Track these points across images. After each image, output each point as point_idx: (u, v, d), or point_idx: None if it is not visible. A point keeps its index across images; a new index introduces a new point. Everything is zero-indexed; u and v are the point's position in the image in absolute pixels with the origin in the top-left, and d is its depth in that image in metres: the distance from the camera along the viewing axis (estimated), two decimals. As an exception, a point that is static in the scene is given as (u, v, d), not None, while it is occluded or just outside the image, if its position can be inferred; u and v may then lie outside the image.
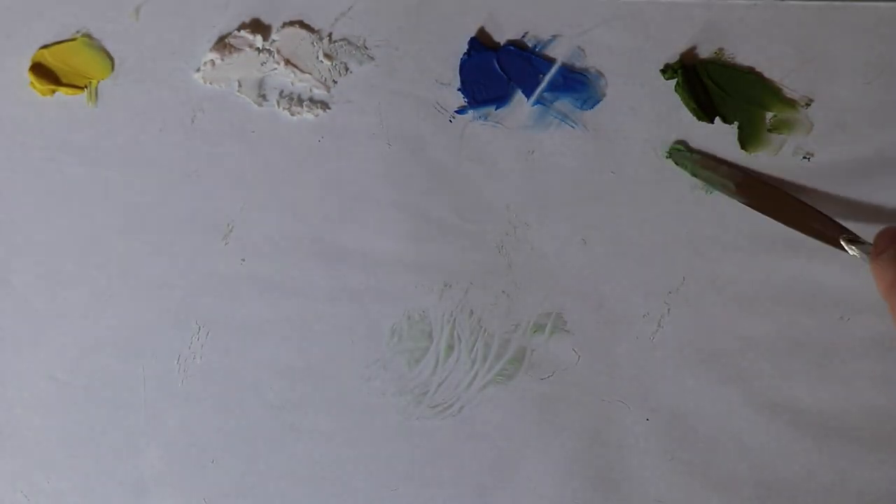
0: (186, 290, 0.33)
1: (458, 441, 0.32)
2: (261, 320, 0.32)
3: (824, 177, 0.31)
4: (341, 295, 0.32)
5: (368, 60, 0.33)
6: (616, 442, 0.31)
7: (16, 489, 0.33)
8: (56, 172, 0.33)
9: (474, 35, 0.32)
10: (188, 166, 0.33)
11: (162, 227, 0.33)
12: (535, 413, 0.32)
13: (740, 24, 0.32)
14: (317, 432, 0.32)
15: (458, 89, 0.32)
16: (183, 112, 0.33)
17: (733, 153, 0.32)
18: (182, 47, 0.33)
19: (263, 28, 0.33)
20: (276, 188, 0.33)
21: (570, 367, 0.32)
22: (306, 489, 0.32)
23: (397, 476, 0.32)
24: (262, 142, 0.33)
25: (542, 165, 0.32)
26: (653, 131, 0.32)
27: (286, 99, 0.33)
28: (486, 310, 0.32)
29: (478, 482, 0.32)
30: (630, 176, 0.32)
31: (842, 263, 0.30)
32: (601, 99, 0.32)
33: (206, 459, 0.32)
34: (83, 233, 0.33)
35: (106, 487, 0.32)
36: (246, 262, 0.32)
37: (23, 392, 0.33)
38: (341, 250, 0.32)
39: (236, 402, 0.32)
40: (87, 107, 0.33)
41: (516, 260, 0.32)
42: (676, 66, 0.32)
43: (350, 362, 0.32)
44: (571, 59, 0.32)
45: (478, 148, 0.32)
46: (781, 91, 0.32)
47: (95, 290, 0.33)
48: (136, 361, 0.33)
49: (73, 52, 0.33)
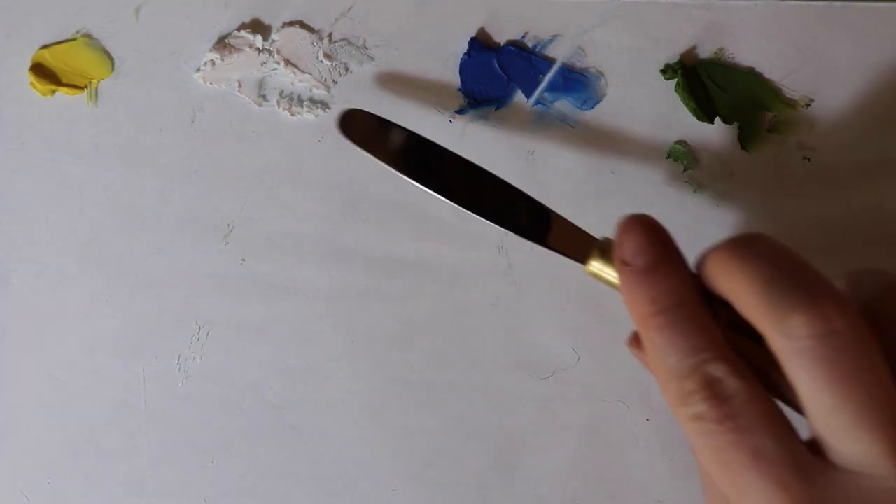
0: (186, 290, 0.33)
1: (458, 441, 0.32)
2: (261, 320, 0.32)
3: (824, 177, 0.31)
4: (341, 295, 0.32)
5: (368, 60, 0.33)
6: (616, 442, 0.31)
7: (16, 489, 0.33)
8: (56, 172, 0.33)
9: (474, 35, 0.32)
10: (188, 166, 0.33)
11: (162, 227, 0.33)
12: (535, 413, 0.32)
13: (740, 24, 0.32)
14: (317, 432, 0.32)
15: (458, 89, 0.32)
16: (183, 112, 0.33)
17: (733, 153, 0.32)
18: (182, 47, 0.33)
19: (263, 28, 0.33)
20: (276, 188, 0.33)
21: (570, 367, 0.32)
22: (306, 489, 0.32)
23: (397, 476, 0.32)
24: (262, 142, 0.33)
25: (542, 165, 0.32)
26: (653, 131, 0.32)
27: (286, 99, 0.33)
28: (486, 310, 0.32)
29: (478, 482, 0.32)
30: (630, 176, 0.32)
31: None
32: (601, 99, 0.32)
33: (206, 459, 0.32)
34: (83, 233, 0.33)
35: (106, 487, 0.33)
36: (246, 262, 0.32)
37: (23, 392, 0.33)
38: (341, 250, 0.32)
39: (236, 402, 0.32)
40: (87, 107, 0.33)
41: (516, 260, 0.32)
42: (676, 66, 0.32)
43: (351, 362, 0.32)
44: (571, 60, 0.32)
45: (478, 148, 0.32)
46: (781, 91, 0.32)
47: (95, 290, 0.33)
48: (136, 361, 0.33)
49: (73, 52, 0.33)
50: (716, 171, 0.32)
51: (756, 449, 0.20)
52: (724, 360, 0.21)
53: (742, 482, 0.20)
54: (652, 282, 0.22)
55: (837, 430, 0.20)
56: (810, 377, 0.20)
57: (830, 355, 0.19)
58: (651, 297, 0.22)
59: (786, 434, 0.20)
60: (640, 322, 0.22)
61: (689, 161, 0.32)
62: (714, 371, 0.20)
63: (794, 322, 0.19)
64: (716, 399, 0.20)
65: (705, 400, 0.20)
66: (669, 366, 0.21)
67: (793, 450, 0.20)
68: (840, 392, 0.19)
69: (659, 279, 0.22)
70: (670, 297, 0.22)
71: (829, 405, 0.19)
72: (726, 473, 0.20)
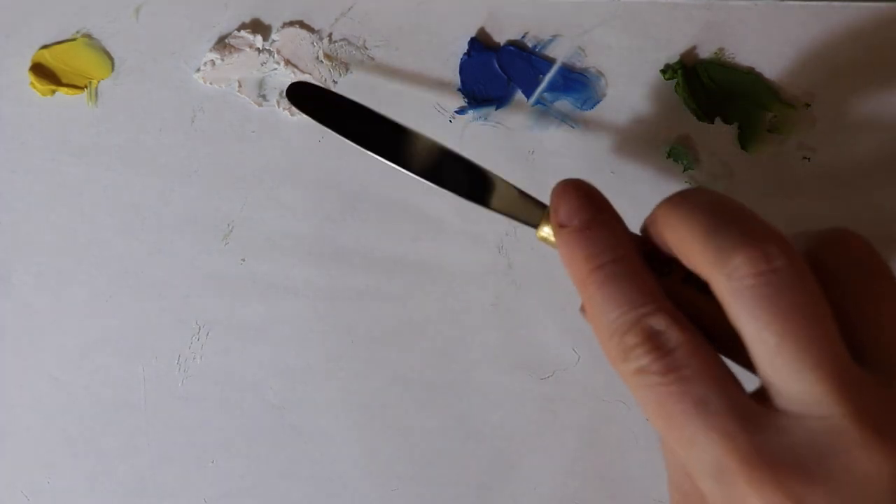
0: (186, 290, 0.33)
1: (458, 441, 0.32)
2: (261, 320, 0.32)
3: (824, 177, 0.31)
4: (341, 295, 0.32)
5: (368, 60, 0.33)
6: (616, 442, 0.31)
7: (16, 489, 0.33)
8: (56, 172, 0.33)
9: (474, 35, 0.32)
10: (188, 166, 0.33)
11: (162, 227, 0.33)
12: (535, 413, 0.32)
13: (740, 24, 0.32)
14: (317, 432, 0.32)
15: (458, 89, 0.32)
16: (183, 112, 0.33)
17: (733, 153, 0.32)
18: (182, 47, 0.33)
19: (263, 28, 0.33)
20: (276, 188, 0.33)
21: (570, 367, 0.32)
22: (306, 489, 0.32)
23: (397, 476, 0.32)
24: (262, 142, 0.33)
25: (542, 165, 0.32)
26: (653, 131, 0.32)
27: (286, 99, 0.33)
28: (486, 310, 0.32)
29: (478, 482, 0.32)
30: (630, 176, 0.32)
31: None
32: (601, 99, 0.32)
33: (206, 459, 0.32)
34: (83, 233, 0.33)
35: (106, 487, 0.33)
36: (246, 262, 0.32)
37: (23, 392, 0.33)
38: (341, 250, 0.32)
39: (236, 402, 0.32)
40: (87, 107, 0.33)
41: (516, 260, 0.32)
42: (676, 66, 0.32)
43: (351, 362, 0.32)
44: (571, 60, 0.32)
45: (478, 148, 0.32)
46: (781, 91, 0.32)
47: (95, 290, 0.33)
48: (136, 361, 0.33)
49: (73, 52, 0.33)
50: (716, 171, 0.32)
51: (699, 399, 0.20)
52: (664, 312, 0.21)
53: (687, 434, 0.20)
54: (587, 239, 0.22)
55: (781, 369, 0.20)
56: (752, 316, 0.20)
57: (771, 292, 0.19)
58: (587, 255, 0.22)
59: (729, 384, 0.20)
60: (579, 281, 0.22)
61: (689, 161, 0.32)
62: (655, 324, 0.21)
63: (735, 262, 0.20)
64: (658, 351, 0.20)
65: (648, 353, 0.20)
66: (610, 321, 0.21)
67: (736, 399, 0.20)
68: (781, 329, 0.19)
69: (594, 237, 0.22)
70: (606, 253, 0.22)
71: (772, 344, 0.19)
72: (671, 426, 0.20)
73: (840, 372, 0.19)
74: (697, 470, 0.20)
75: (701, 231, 0.21)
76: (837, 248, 0.22)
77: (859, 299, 0.21)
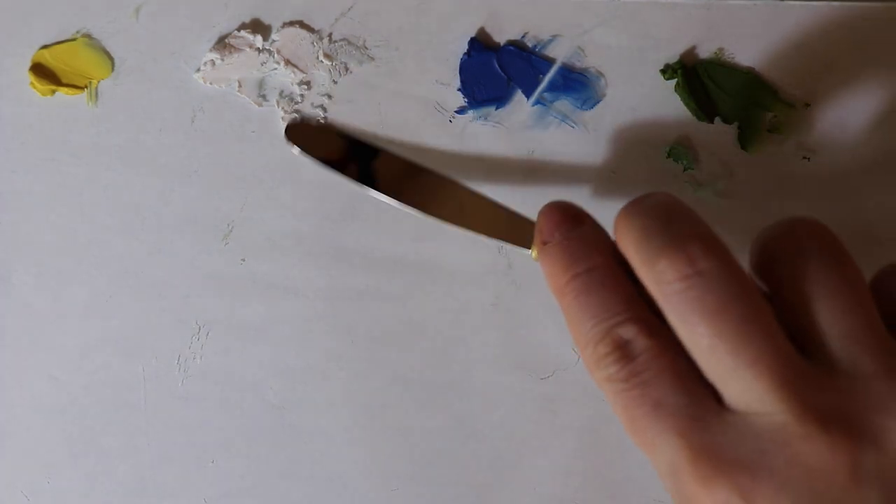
0: (186, 290, 0.33)
1: (458, 441, 0.32)
2: (261, 320, 0.32)
3: (824, 177, 0.31)
4: (341, 295, 0.32)
5: (368, 60, 0.33)
6: (616, 442, 0.31)
7: (16, 489, 0.33)
8: (56, 172, 0.33)
9: (474, 35, 0.32)
10: (188, 166, 0.33)
11: (162, 227, 0.33)
12: (535, 413, 0.32)
13: (740, 24, 0.32)
14: (317, 432, 0.32)
15: (458, 89, 0.32)
16: (183, 112, 0.33)
17: (733, 153, 0.32)
18: (182, 47, 0.33)
19: (263, 28, 0.33)
20: (276, 188, 0.33)
21: (570, 367, 0.32)
22: (306, 489, 0.32)
23: (397, 476, 0.32)
24: (262, 142, 0.33)
25: (542, 165, 0.32)
26: (653, 131, 0.32)
27: (286, 99, 0.33)
28: (486, 310, 0.32)
29: (478, 482, 0.32)
30: (630, 176, 0.32)
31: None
32: (601, 99, 0.32)
33: (206, 459, 0.32)
34: (83, 233, 0.33)
35: (106, 487, 0.33)
36: (246, 262, 0.32)
37: (23, 392, 0.33)
38: (341, 250, 0.32)
39: (236, 402, 0.32)
40: (87, 107, 0.33)
41: (516, 260, 0.32)
42: (676, 66, 0.32)
43: (351, 362, 0.32)
44: (571, 60, 0.32)
45: (478, 148, 0.32)
46: (781, 91, 0.32)
47: (95, 290, 0.33)
48: (136, 361, 0.33)
49: (73, 52, 0.33)
50: (716, 171, 0.32)
51: (657, 401, 0.20)
52: (634, 320, 0.21)
53: (649, 436, 0.21)
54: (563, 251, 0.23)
55: (720, 371, 0.20)
56: (683, 319, 0.20)
57: (697, 295, 0.20)
58: (563, 267, 0.23)
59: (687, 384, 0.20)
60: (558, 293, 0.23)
61: (689, 161, 0.32)
62: (624, 333, 0.21)
63: (660, 267, 0.20)
64: (624, 360, 0.21)
65: (616, 361, 0.21)
66: (585, 331, 0.22)
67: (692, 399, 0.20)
68: (711, 330, 0.19)
69: (571, 249, 0.23)
70: (580, 263, 0.22)
71: (704, 345, 0.20)
72: (636, 429, 0.21)
73: (780, 367, 0.19)
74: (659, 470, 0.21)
75: (633, 238, 0.21)
76: (784, 239, 0.22)
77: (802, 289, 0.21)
